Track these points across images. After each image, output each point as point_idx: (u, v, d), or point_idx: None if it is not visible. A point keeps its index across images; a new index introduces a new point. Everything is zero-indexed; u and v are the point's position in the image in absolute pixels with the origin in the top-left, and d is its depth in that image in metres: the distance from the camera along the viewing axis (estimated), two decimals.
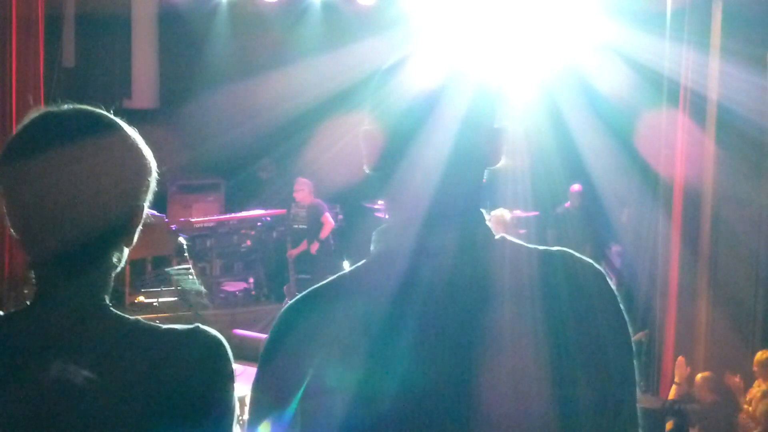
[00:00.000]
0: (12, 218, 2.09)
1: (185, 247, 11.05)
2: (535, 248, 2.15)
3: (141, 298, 11.42)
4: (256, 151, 14.04)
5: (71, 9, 11.08)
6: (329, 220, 12.59)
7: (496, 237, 2.12)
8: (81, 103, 2.03)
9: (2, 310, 2.14)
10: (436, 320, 1.98)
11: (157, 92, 14.02)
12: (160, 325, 2.13)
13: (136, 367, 2.02)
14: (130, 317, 2.11)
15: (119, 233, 2.13)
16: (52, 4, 9.33)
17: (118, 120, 2.14)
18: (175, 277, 11.77)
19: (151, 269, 11.95)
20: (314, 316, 2.05)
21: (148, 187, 2.15)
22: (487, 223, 2.12)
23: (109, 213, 2.08)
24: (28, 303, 2.11)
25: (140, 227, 2.19)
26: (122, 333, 2.06)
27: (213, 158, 13.51)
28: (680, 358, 8.36)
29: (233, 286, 12.84)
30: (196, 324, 2.15)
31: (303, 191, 12.72)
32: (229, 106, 13.79)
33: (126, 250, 2.18)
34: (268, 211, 13.04)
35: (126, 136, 2.11)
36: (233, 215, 12.79)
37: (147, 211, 2.19)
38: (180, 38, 13.50)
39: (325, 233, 12.40)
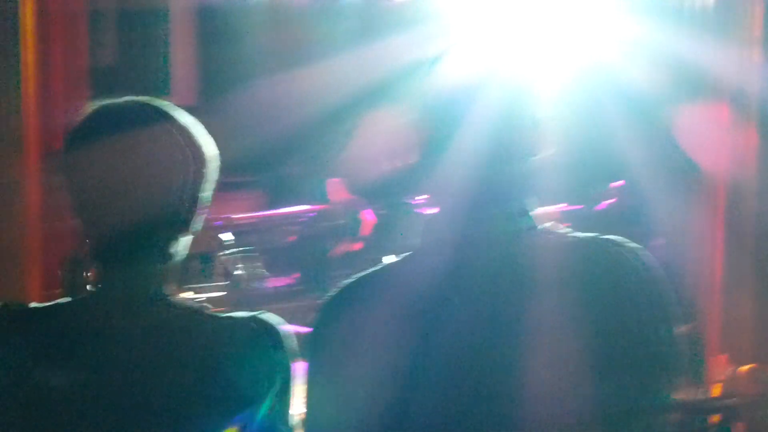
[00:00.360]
0: (74, 207, 2.12)
1: (230, 242, 11.10)
2: (580, 237, 2.15)
3: (189, 294, 11.46)
4: (297, 146, 14.06)
5: (111, 5, 11.14)
6: (369, 217, 12.48)
7: (541, 226, 2.13)
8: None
9: (62, 297, 2.17)
10: (477, 311, 1.99)
11: (197, 88, 14.07)
12: (220, 313, 2.16)
13: (193, 354, 2.04)
14: (192, 305, 2.14)
15: (177, 222, 2.15)
16: (93, 3, 9.37)
17: (175, 110, 2.17)
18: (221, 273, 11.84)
19: (197, 265, 12.00)
20: (357, 307, 2.07)
21: (204, 176, 2.18)
22: (530, 212, 2.12)
23: (166, 201, 2.10)
24: (88, 290, 2.14)
25: (201, 217, 2.21)
26: (182, 320, 2.09)
27: (255, 154, 13.53)
28: (722, 356, 8.28)
29: (277, 282, 12.88)
30: (255, 312, 2.17)
31: (337, 191, 12.61)
32: (269, 100, 13.80)
33: (187, 240, 2.20)
34: (311, 207, 13.07)
35: (182, 126, 2.14)
36: (276, 211, 12.82)
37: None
38: (218, 33, 13.54)
39: (366, 230, 12.30)
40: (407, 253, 2.17)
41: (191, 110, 9.92)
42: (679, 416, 2.14)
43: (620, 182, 12.50)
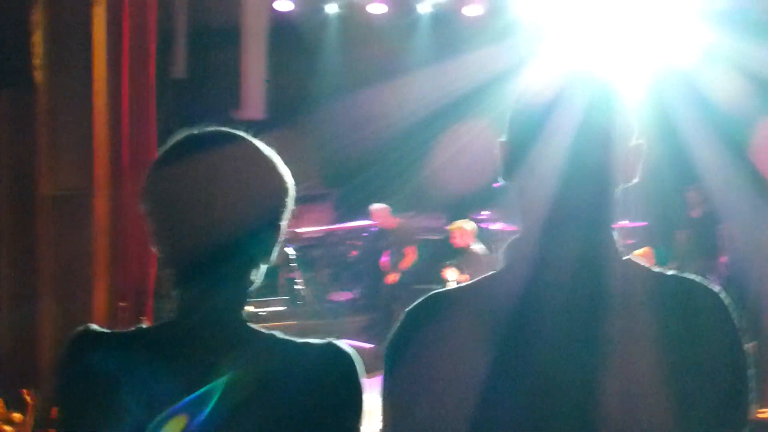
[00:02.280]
0: (157, 236, 2.16)
1: (293, 257, 11.16)
2: (666, 274, 2.13)
3: (250, 308, 11.52)
4: (365, 161, 14.13)
5: (183, 20, 11.28)
6: (412, 253, 12.44)
7: (623, 257, 2.10)
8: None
9: (145, 324, 2.21)
10: (562, 335, 1.98)
11: (268, 103, 14.17)
12: (295, 338, 2.18)
13: (274, 380, 2.07)
14: (266, 331, 2.17)
15: (259, 251, 2.19)
16: (164, 15, 9.49)
17: (257, 141, 2.20)
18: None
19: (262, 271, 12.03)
20: (438, 321, 2.07)
21: (286, 206, 2.21)
22: (616, 241, 2.11)
23: (250, 232, 2.14)
24: (169, 317, 2.17)
25: (279, 246, 2.24)
26: (261, 346, 2.11)
27: (322, 168, 13.62)
28: None
29: (340, 296, 12.93)
30: (329, 339, 2.19)
31: (381, 218, 12.64)
32: (337, 116, 13.90)
33: (264, 268, 2.23)
34: (376, 221, 13.10)
35: (265, 157, 2.17)
36: (340, 225, 12.87)
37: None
38: (290, 49, 13.63)
39: (406, 264, 12.25)
40: (489, 273, 2.17)
41: (261, 125, 9.96)
42: None
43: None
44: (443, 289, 2.23)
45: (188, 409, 2.07)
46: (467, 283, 2.25)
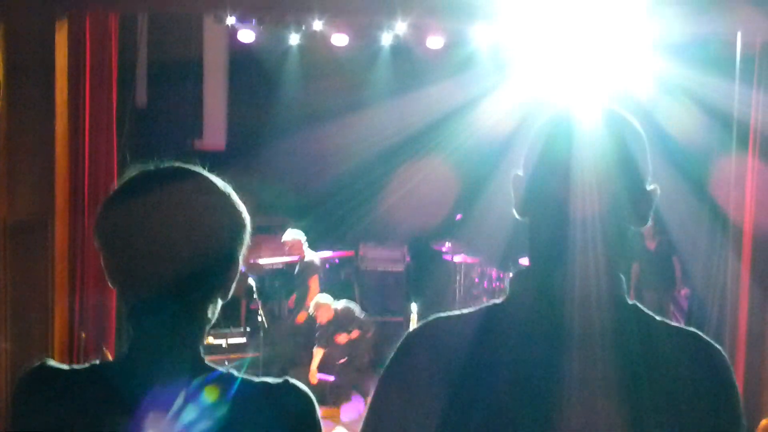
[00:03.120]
0: (110, 272, 2.15)
1: (254, 288, 11.14)
2: (671, 324, 2.13)
3: (210, 339, 11.47)
4: (326, 192, 14.15)
5: (144, 51, 11.28)
6: (315, 285, 11.98)
7: (628, 302, 2.11)
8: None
9: (96, 360, 2.20)
10: (565, 372, 1.97)
11: (228, 134, 14.16)
12: (252, 378, 2.17)
13: (229, 420, 2.06)
14: (222, 369, 2.16)
15: (216, 287, 2.18)
16: (125, 46, 9.48)
17: (213, 177, 2.20)
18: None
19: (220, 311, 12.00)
20: (436, 346, 2.07)
21: (242, 241, 2.21)
22: (622, 284, 2.10)
23: (206, 268, 2.13)
24: (124, 353, 2.16)
25: (235, 281, 2.24)
26: (218, 385, 2.11)
27: (282, 199, 13.62)
28: (764, 423, 8.09)
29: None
30: (285, 378, 2.19)
31: (291, 247, 12.22)
32: (298, 147, 13.91)
33: (220, 303, 2.23)
34: (336, 253, 13.09)
35: (220, 192, 2.16)
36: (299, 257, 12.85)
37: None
38: (251, 80, 13.65)
39: (310, 299, 11.79)
40: (491, 303, 2.17)
41: (223, 155, 10.00)
42: None
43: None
44: (445, 314, 2.23)
45: None
46: (470, 310, 2.25)
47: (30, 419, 2.18)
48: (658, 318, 2.14)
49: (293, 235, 11.94)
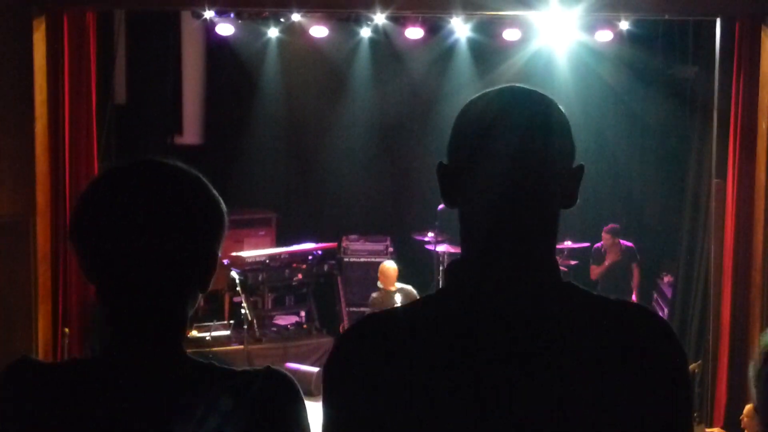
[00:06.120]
0: (87, 271, 2.13)
1: (237, 281, 11.11)
2: (601, 297, 2.10)
3: (194, 333, 11.46)
4: (306, 185, 14.13)
5: (122, 47, 11.23)
6: None
7: (563, 281, 2.08)
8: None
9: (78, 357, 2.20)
10: (499, 364, 1.95)
11: (208, 128, 14.11)
12: (233, 367, 2.15)
13: (214, 412, 2.05)
14: (204, 361, 2.14)
15: (195, 282, 2.16)
16: (103, 42, 9.46)
17: (187, 169, 2.17)
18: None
19: (203, 304, 12.00)
20: (374, 346, 2.04)
21: (220, 234, 2.18)
22: (555, 265, 2.08)
23: (185, 263, 2.11)
24: (103, 350, 2.14)
25: (214, 274, 2.22)
26: (199, 378, 2.09)
27: (264, 193, 13.59)
28: (749, 407, 8.07)
29: (285, 320, 12.89)
30: (267, 365, 2.17)
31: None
32: (278, 140, 13.88)
33: (200, 297, 2.21)
34: (319, 245, 13.07)
35: (196, 186, 2.13)
36: (284, 249, 12.83)
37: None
38: (230, 74, 13.60)
39: None
40: (425, 296, 2.15)
41: (203, 149, 9.98)
42: None
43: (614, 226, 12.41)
44: (379, 312, 2.21)
45: None
46: (404, 305, 2.23)
47: (11, 413, 2.17)
48: (595, 294, 2.11)
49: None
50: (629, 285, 12.08)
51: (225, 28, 10.94)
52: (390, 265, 11.27)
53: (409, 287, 11.14)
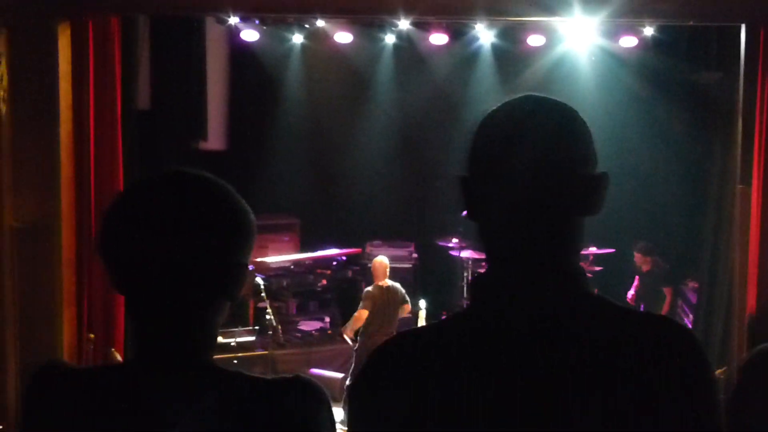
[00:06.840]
0: (116, 284, 2.13)
1: (262, 287, 11.14)
2: (627, 309, 2.07)
3: (219, 339, 11.44)
4: (330, 191, 14.13)
5: (146, 53, 11.25)
6: None
7: (589, 292, 2.06)
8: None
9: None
10: (528, 380, 1.94)
11: (232, 134, 14.13)
12: (261, 376, 2.15)
13: (243, 420, 2.05)
14: (231, 370, 2.14)
15: (223, 292, 2.16)
16: (127, 48, 9.48)
17: (215, 180, 2.17)
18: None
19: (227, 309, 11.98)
20: (402, 364, 2.03)
21: (250, 246, 2.18)
22: (580, 275, 2.06)
23: (214, 276, 2.11)
24: (132, 357, 2.15)
25: (244, 284, 2.21)
26: (226, 387, 2.09)
27: (288, 198, 13.60)
28: None
29: (309, 326, 12.90)
30: (296, 374, 2.17)
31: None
32: (302, 145, 13.88)
33: (228, 307, 2.21)
34: (343, 251, 13.09)
35: (224, 198, 2.13)
36: (308, 255, 12.85)
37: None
38: (254, 79, 13.62)
39: None
40: (456, 312, 2.14)
41: (227, 155, 9.99)
42: None
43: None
44: (406, 330, 2.20)
45: None
46: (430, 324, 2.22)
47: (42, 416, 2.18)
48: (620, 305, 2.09)
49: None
50: (659, 307, 11.94)
51: (249, 34, 10.96)
52: (382, 260, 11.25)
53: (397, 285, 11.13)
